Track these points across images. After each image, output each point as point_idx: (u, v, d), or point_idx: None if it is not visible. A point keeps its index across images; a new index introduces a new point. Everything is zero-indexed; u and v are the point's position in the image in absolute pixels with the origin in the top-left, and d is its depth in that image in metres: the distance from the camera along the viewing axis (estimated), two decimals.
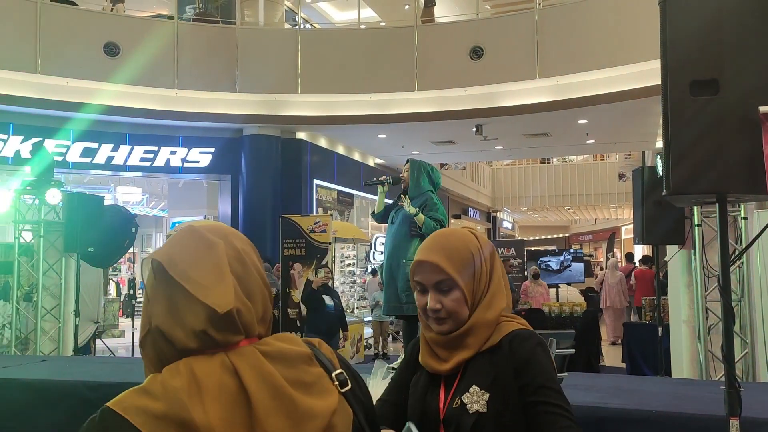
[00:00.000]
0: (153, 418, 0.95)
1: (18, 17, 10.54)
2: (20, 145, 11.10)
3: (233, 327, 1.02)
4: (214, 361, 1.00)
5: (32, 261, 7.45)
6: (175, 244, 1.06)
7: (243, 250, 1.08)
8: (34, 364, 5.20)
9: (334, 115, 11.99)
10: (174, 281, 1.01)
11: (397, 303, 4.44)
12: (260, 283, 1.08)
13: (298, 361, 1.06)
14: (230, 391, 0.98)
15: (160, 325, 1.02)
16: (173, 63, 11.43)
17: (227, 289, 1.01)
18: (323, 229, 8.74)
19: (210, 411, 0.95)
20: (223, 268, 1.03)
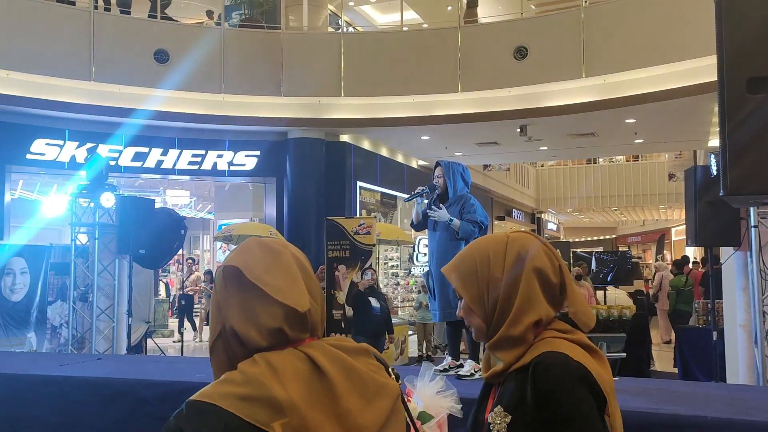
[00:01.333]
0: (239, 399, 1.03)
1: (73, 27, 10.91)
2: (75, 150, 11.49)
3: (305, 325, 1.11)
4: (285, 352, 1.09)
5: (88, 262, 7.70)
6: (244, 252, 1.15)
7: (303, 258, 1.20)
8: (91, 363, 5.38)
9: (377, 117, 12.04)
10: (249, 285, 1.10)
11: (450, 309, 4.42)
12: (319, 288, 1.18)
13: (358, 354, 1.14)
14: (305, 373, 1.06)
15: (234, 326, 1.10)
16: (220, 68, 11.66)
17: (303, 290, 1.11)
18: (367, 231, 8.78)
19: (290, 389, 1.04)
20: (294, 273, 1.13)
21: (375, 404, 1.08)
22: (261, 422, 1.01)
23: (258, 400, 1.02)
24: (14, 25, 10.29)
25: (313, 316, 1.12)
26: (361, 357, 1.14)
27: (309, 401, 1.04)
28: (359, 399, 1.06)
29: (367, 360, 1.15)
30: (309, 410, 1.03)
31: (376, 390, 1.09)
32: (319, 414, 1.04)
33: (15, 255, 7.23)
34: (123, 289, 7.87)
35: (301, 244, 12.01)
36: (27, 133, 11.11)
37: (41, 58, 10.43)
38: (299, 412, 1.02)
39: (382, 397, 1.09)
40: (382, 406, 1.08)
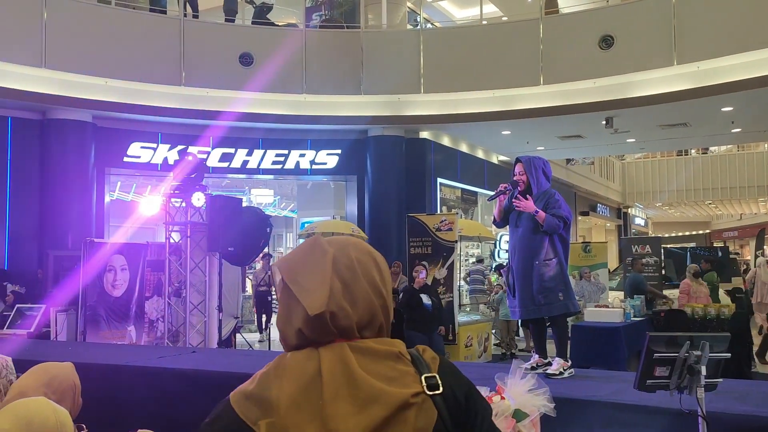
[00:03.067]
0: (243, 397, 1.09)
1: (164, 34, 11.43)
2: (167, 152, 12.04)
3: (324, 328, 1.10)
4: (303, 352, 1.11)
5: (180, 260, 8.04)
6: (294, 252, 1.19)
7: (357, 259, 1.15)
8: (186, 355, 5.61)
9: (457, 113, 11.94)
10: (287, 285, 1.14)
11: (533, 306, 4.32)
12: (368, 292, 1.14)
13: (385, 358, 1.11)
14: (308, 374, 1.07)
15: (278, 324, 1.16)
16: (302, 69, 11.90)
17: (322, 293, 1.10)
18: (449, 228, 8.73)
19: (283, 389, 1.06)
20: (325, 275, 1.12)
21: (366, 411, 1.05)
22: (251, 420, 1.05)
23: (256, 398, 1.07)
24: (110, 35, 10.87)
25: (339, 320, 1.10)
26: (386, 361, 1.10)
27: (297, 402, 1.05)
28: (348, 404, 1.05)
29: (393, 365, 1.10)
30: (292, 411, 1.04)
31: (371, 397, 1.05)
32: (303, 415, 1.04)
33: (116, 253, 7.65)
34: (213, 285, 8.16)
35: (382, 241, 12.17)
36: (124, 137, 11.73)
37: (135, 65, 10.98)
38: (280, 412, 1.05)
39: (376, 405, 1.05)
40: (373, 414, 1.04)
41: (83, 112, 10.95)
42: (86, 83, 10.55)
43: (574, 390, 3.75)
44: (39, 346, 6.00)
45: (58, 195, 10.82)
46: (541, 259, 4.32)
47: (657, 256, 12.65)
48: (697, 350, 2.76)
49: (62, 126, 10.95)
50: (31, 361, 2.53)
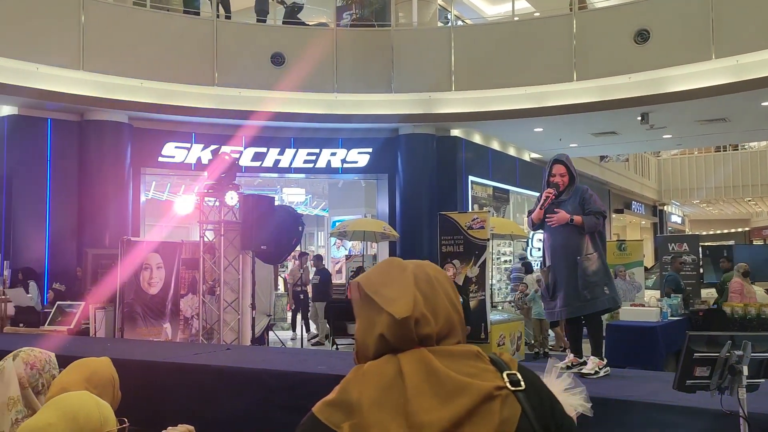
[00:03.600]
0: (326, 404, 1.13)
1: (197, 35, 11.58)
2: (201, 152, 12.21)
3: (407, 334, 1.14)
4: (383, 359, 1.15)
5: (214, 258, 8.14)
6: (375, 269, 1.25)
7: (434, 277, 1.22)
8: (221, 352, 5.68)
9: (488, 110, 11.86)
10: (369, 298, 1.18)
11: (579, 303, 4.26)
12: (447, 306, 1.19)
13: (463, 357, 1.15)
14: (388, 376, 1.11)
15: (358, 336, 1.20)
16: (333, 68, 11.94)
17: (407, 300, 1.15)
18: (481, 226, 8.66)
19: (364, 392, 1.10)
20: (408, 286, 1.17)
21: (450, 404, 1.07)
22: (335, 424, 1.09)
23: (338, 404, 1.11)
24: (145, 37, 11.06)
25: (422, 328, 1.14)
26: (463, 360, 1.14)
27: (379, 402, 1.08)
28: (432, 399, 1.08)
29: (472, 362, 1.14)
30: (374, 410, 1.07)
31: (455, 390, 1.08)
32: (386, 414, 1.07)
33: (151, 251, 7.78)
34: (247, 283, 8.25)
35: (413, 239, 12.16)
36: (158, 137, 11.93)
37: (170, 67, 11.16)
38: (362, 412, 1.08)
39: (461, 396, 1.08)
40: (458, 404, 1.07)
41: (119, 113, 11.17)
42: (122, 85, 10.76)
43: (610, 390, 3.70)
44: (79, 343, 6.14)
45: (95, 194, 11.06)
46: (583, 254, 4.27)
47: (695, 253, 12.40)
48: (738, 350, 2.69)
49: (99, 127, 11.19)
50: (72, 356, 2.59)
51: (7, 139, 10.80)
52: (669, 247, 12.70)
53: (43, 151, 10.99)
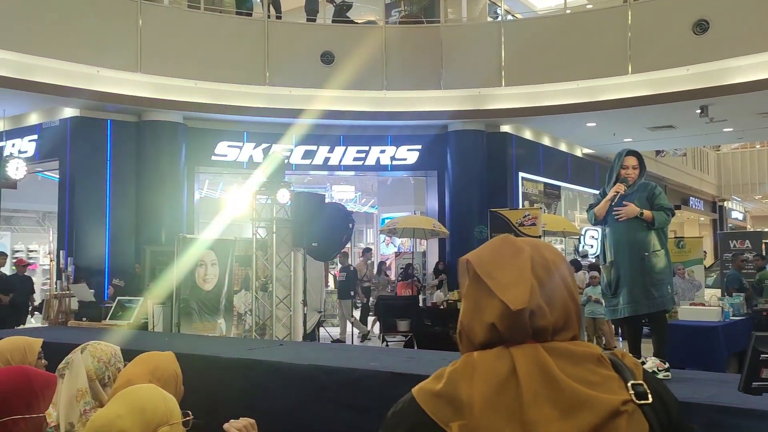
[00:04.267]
0: (431, 395, 1.04)
1: (249, 36, 11.78)
2: (252, 150, 12.42)
3: (520, 326, 1.04)
4: (493, 351, 1.05)
5: (267, 255, 8.27)
6: (487, 247, 1.13)
7: (552, 261, 1.10)
8: (275, 348, 5.76)
9: (539, 105, 11.68)
10: (480, 279, 1.08)
11: (647, 300, 4.10)
12: (564, 295, 1.08)
13: (584, 360, 1.04)
14: (499, 374, 1.01)
15: (463, 319, 1.10)
16: (382, 66, 11.96)
17: (524, 289, 1.05)
18: (533, 222, 8.56)
19: (475, 388, 1.01)
20: (524, 271, 1.06)
21: (571, 418, 0.97)
22: (442, 420, 1.01)
23: (446, 397, 1.03)
24: (199, 39, 11.32)
25: (537, 320, 1.04)
26: (586, 364, 1.03)
27: (492, 404, 0.99)
28: (552, 409, 0.98)
29: (594, 368, 1.03)
30: (486, 413, 0.99)
31: (578, 402, 0.98)
32: (500, 419, 0.99)
33: (206, 248, 7.96)
34: (298, 279, 8.36)
35: (463, 236, 12.08)
36: (212, 136, 12.20)
37: (222, 67, 11.38)
38: (473, 413, 0.99)
39: (585, 411, 0.97)
40: (581, 420, 0.97)
41: (175, 113, 11.47)
42: (177, 86, 11.04)
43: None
44: (139, 337, 6.32)
45: (152, 193, 11.40)
46: (651, 250, 4.11)
47: (758, 251, 11.94)
48: None
49: (156, 127, 11.51)
50: (132, 350, 2.67)
51: (70, 140, 11.23)
52: (730, 244, 12.27)
53: (103, 151, 11.39)
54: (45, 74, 9.86)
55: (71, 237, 11.06)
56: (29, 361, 2.47)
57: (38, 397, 1.76)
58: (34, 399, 1.75)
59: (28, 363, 2.43)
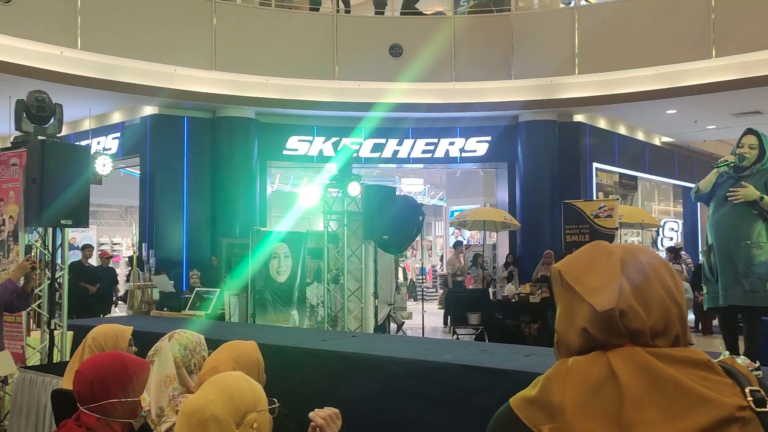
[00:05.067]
0: (525, 402, 1.04)
1: (318, 31, 11.91)
2: (322, 144, 12.58)
3: (613, 327, 1.01)
4: (588, 356, 1.03)
5: (338, 247, 8.36)
6: (577, 254, 1.13)
7: (647, 263, 1.07)
8: (347, 339, 5.82)
9: (615, 93, 11.26)
10: (570, 286, 1.07)
11: (736, 291, 3.86)
12: (662, 295, 1.04)
13: (690, 365, 0.98)
14: (595, 377, 0.99)
15: (558, 328, 1.09)
16: (450, 57, 11.84)
17: (611, 290, 1.02)
18: (609, 214, 8.29)
19: (567, 393, 0.99)
20: (613, 273, 1.04)
21: (678, 420, 0.92)
22: (535, 425, 1.00)
23: (539, 402, 1.02)
24: (270, 35, 11.53)
25: (630, 321, 1.01)
26: (693, 369, 0.98)
27: (585, 406, 0.97)
28: (657, 412, 0.93)
29: (702, 373, 0.98)
30: (579, 416, 0.96)
31: (686, 403, 0.93)
32: (594, 421, 0.96)
33: (280, 241, 8.12)
34: (369, 272, 8.41)
35: (534, 228, 11.87)
36: (283, 131, 12.43)
37: (292, 62, 11.56)
38: (564, 417, 0.98)
39: (693, 412, 0.92)
40: (689, 422, 0.92)
41: (247, 109, 11.76)
42: (250, 82, 11.29)
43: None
44: (217, 327, 6.52)
45: (227, 187, 11.74)
46: (753, 239, 3.83)
47: None
48: None
49: (230, 123, 11.84)
50: (212, 339, 2.75)
51: (150, 137, 11.69)
52: None
53: (180, 147, 11.81)
54: (127, 74, 10.29)
55: (152, 230, 11.53)
56: (121, 348, 2.58)
57: (133, 381, 1.83)
58: (130, 383, 1.82)
59: (119, 349, 2.54)
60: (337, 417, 1.69)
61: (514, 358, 4.17)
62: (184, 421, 1.45)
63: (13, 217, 5.18)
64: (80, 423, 1.78)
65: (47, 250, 5.05)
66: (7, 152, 5.27)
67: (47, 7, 9.68)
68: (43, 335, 5.05)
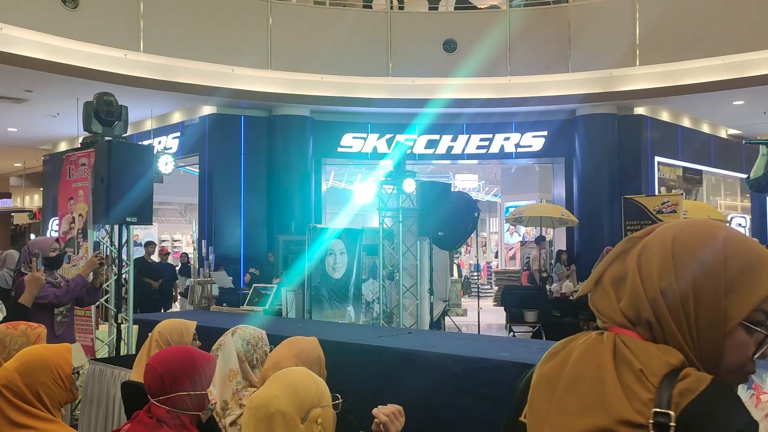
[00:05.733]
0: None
1: (372, 28, 11.93)
2: (376, 141, 12.61)
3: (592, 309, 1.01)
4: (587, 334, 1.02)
5: (393, 244, 8.36)
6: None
7: (661, 248, 0.97)
8: (403, 336, 5.82)
9: (679, 84, 10.88)
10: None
11: None
12: (636, 281, 0.97)
13: (628, 363, 0.93)
14: (564, 355, 0.99)
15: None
16: (506, 51, 11.68)
17: (594, 274, 1.02)
18: (672, 210, 8.00)
19: (543, 365, 1.01)
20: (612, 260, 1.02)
21: (580, 419, 0.91)
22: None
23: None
24: (325, 33, 11.62)
25: (597, 303, 1.00)
26: (626, 367, 0.92)
27: (546, 381, 0.99)
28: (574, 403, 0.92)
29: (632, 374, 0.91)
30: (535, 395, 0.99)
31: (592, 404, 0.90)
32: (544, 394, 0.97)
33: (335, 238, 8.19)
34: (424, 269, 8.38)
35: (593, 224, 11.58)
36: (337, 128, 12.52)
37: (347, 60, 11.62)
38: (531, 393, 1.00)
39: (588, 415, 0.90)
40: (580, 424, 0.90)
41: (302, 107, 11.90)
42: (305, 80, 11.42)
43: None
44: (275, 323, 6.62)
45: (282, 184, 11.91)
46: None
47: None
48: None
49: (285, 121, 12.01)
50: (270, 335, 2.78)
51: (208, 137, 11.97)
52: None
53: (237, 146, 12.05)
54: (186, 75, 10.56)
55: (210, 227, 11.81)
56: (185, 342, 2.65)
57: (201, 375, 1.87)
58: (197, 377, 1.86)
59: (184, 343, 2.60)
60: (400, 414, 1.68)
61: None
62: (251, 416, 1.46)
63: (82, 215, 5.39)
64: (151, 415, 1.83)
65: (114, 247, 5.23)
66: (76, 153, 5.48)
67: (111, 12, 10.02)
68: (111, 329, 5.23)
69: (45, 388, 1.84)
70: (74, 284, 4.21)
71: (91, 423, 3.93)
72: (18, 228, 22.81)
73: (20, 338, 2.23)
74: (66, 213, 5.55)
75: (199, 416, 1.89)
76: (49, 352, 1.92)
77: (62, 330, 4.18)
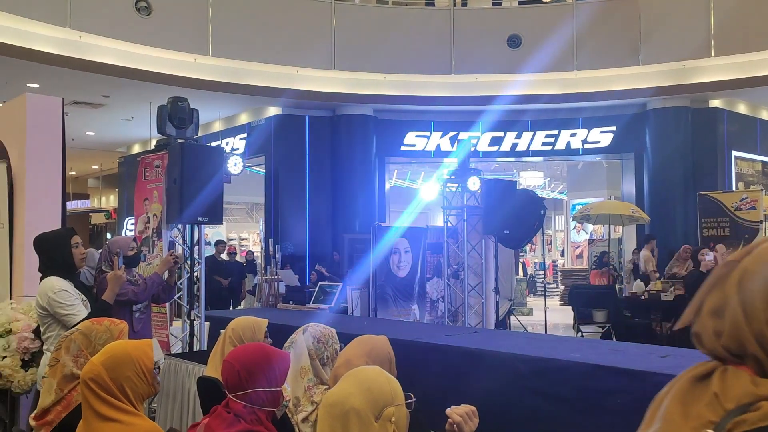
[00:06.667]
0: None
1: (435, 26, 11.89)
2: (440, 139, 12.56)
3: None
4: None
5: (458, 242, 8.31)
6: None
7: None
8: (469, 335, 5.77)
9: (757, 75, 10.37)
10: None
11: None
12: (737, 314, 0.89)
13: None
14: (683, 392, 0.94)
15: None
16: (572, 45, 11.41)
17: (690, 309, 0.95)
18: (752, 206, 7.65)
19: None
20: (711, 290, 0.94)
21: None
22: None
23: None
24: (387, 32, 11.66)
25: (703, 342, 0.93)
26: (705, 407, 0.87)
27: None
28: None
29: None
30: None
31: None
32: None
33: (400, 236, 8.20)
34: (489, 267, 8.29)
35: (665, 222, 11.18)
36: (400, 127, 12.55)
37: (409, 58, 11.63)
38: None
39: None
40: None
41: (366, 106, 11.98)
42: (368, 80, 11.49)
43: None
44: (342, 320, 6.70)
45: (346, 183, 12.04)
46: None
47: None
48: None
49: (349, 121, 12.12)
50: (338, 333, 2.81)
51: (274, 137, 12.22)
52: None
53: (302, 146, 12.25)
54: (253, 77, 10.81)
55: (276, 226, 12.05)
56: (258, 339, 2.71)
57: (275, 371, 1.91)
58: (272, 373, 1.90)
59: (256, 340, 2.66)
60: (474, 415, 1.67)
61: (649, 359, 3.95)
62: (326, 413, 1.48)
63: (156, 215, 5.59)
64: (229, 410, 1.88)
65: (186, 246, 5.40)
66: (150, 155, 5.69)
67: (182, 18, 10.37)
68: (184, 325, 5.41)
69: (129, 382, 1.92)
70: (151, 282, 4.37)
71: (168, 415, 4.08)
72: (96, 227, 23.93)
73: (104, 334, 2.33)
74: (141, 213, 5.78)
75: (274, 412, 1.93)
76: (133, 347, 2.00)
77: (140, 326, 4.35)
